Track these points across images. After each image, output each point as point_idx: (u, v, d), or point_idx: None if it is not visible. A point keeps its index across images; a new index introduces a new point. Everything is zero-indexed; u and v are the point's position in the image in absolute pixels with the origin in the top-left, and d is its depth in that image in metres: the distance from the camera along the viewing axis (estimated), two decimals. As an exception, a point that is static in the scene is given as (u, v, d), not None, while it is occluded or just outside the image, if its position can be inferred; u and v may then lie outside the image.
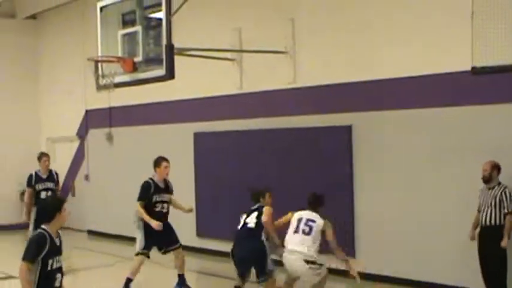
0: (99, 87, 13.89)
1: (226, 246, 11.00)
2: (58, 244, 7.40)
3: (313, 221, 10.91)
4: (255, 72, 15.15)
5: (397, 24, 12.72)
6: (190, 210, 13.28)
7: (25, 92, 22.83)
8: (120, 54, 13.21)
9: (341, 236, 13.45)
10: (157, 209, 12.62)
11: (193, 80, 16.14)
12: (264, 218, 11.08)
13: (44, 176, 14.90)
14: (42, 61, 23.09)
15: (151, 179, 12.75)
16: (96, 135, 20.38)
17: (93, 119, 20.67)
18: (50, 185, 14.87)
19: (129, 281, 12.40)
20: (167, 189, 12.86)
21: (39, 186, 14.78)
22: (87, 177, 20.86)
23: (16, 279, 13.94)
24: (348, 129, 13.45)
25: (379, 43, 13.01)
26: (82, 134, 21.26)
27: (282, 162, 14.58)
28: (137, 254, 12.52)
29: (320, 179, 13.83)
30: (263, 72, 15.03)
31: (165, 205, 12.76)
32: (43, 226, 7.36)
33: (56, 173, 15.23)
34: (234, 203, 11.76)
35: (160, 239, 12.63)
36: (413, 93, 12.52)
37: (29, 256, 7.21)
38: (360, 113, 13.31)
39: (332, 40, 13.80)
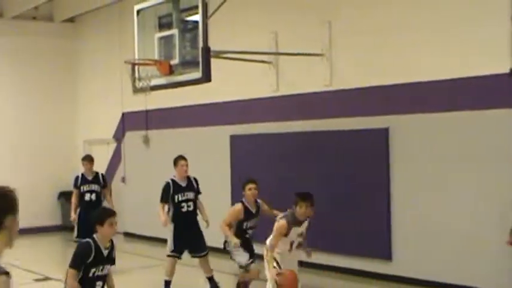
0: (136, 90, 13.95)
1: (262, 249, 10.97)
2: (105, 255, 7.76)
3: None
4: (291, 74, 15.14)
5: (434, 26, 12.63)
6: (206, 224, 13.06)
7: (62, 95, 22.99)
8: (156, 57, 13.26)
9: (377, 239, 13.43)
10: (184, 209, 12.71)
11: (229, 83, 16.15)
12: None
13: (89, 178, 15.17)
14: (79, 64, 23.25)
15: (171, 179, 12.87)
16: (132, 137, 20.47)
17: (129, 122, 20.77)
18: (95, 187, 15.12)
19: (166, 283, 12.48)
20: (191, 187, 12.89)
21: (84, 188, 15.08)
22: (123, 180, 20.96)
23: (53, 280, 14.07)
24: (385, 132, 13.38)
25: (416, 45, 12.92)
26: (119, 136, 21.37)
27: (318, 165, 14.53)
28: (168, 256, 12.67)
29: (356, 182, 13.77)
30: (299, 75, 15.00)
31: (191, 203, 12.79)
32: (94, 235, 7.79)
33: (103, 176, 15.49)
34: (270, 206, 11.76)
35: (189, 242, 12.70)
36: (451, 95, 12.42)
37: (75, 264, 7.64)
38: (397, 116, 13.23)
39: (369, 42, 13.73)
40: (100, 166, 21.68)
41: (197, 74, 12.47)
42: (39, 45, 22.51)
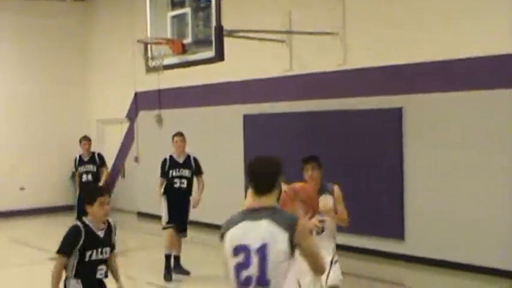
0: (149, 69, 13.93)
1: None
2: (101, 236, 7.19)
3: None
4: (305, 54, 15.07)
5: (449, 5, 12.54)
6: (195, 204, 12.90)
7: (75, 75, 22.99)
8: (169, 36, 13.22)
9: (390, 219, 13.40)
10: (176, 185, 12.66)
11: (242, 62, 16.09)
12: None
13: (86, 159, 15.03)
14: (91, 43, 23.22)
15: (170, 155, 12.85)
16: (145, 117, 20.46)
17: (142, 101, 20.75)
18: (91, 167, 14.97)
19: (166, 257, 12.50)
20: (188, 165, 12.79)
21: (81, 169, 14.99)
22: (136, 159, 20.98)
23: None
24: (399, 111, 13.32)
25: (431, 24, 12.83)
26: (132, 116, 21.36)
27: (332, 145, 14.49)
28: (164, 229, 12.65)
29: (370, 161, 13.74)
30: (313, 54, 14.93)
31: (185, 181, 12.70)
32: (84, 217, 7.30)
33: (100, 155, 15.28)
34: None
35: (179, 217, 12.69)
36: (466, 75, 12.34)
37: (61, 249, 7.17)
38: (411, 95, 13.17)
39: (382, 21, 13.65)
40: (113, 146, 21.82)
41: (210, 53, 12.43)
42: (51, 24, 22.47)
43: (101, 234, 7.20)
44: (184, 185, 12.68)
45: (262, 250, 4.68)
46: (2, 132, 21.46)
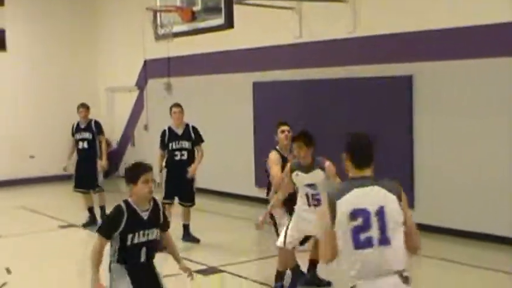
0: (158, 37, 13.90)
1: (285, 196, 10.97)
2: (145, 218, 6.68)
3: None
4: (315, 21, 15.00)
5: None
6: (191, 172, 12.63)
7: (84, 43, 22.94)
8: (178, 3, 13.17)
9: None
10: (177, 158, 12.61)
11: (252, 29, 16.04)
12: None
13: (82, 126, 14.89)
14: (101, 11, 23.14)
15: (168, 126, 12.78)
16: (155, 85, 20.44)
17: (152, 69, 20.73)
18: (86, 134, 14.80)
19: None
20: (187, 136, 12.70)
21: (77, 136, 14.86)
22: (146, 127, 20.99)
23: (76, 227, 14.20)
24: (409, 79, 13.27)
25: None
26: (141, 84, 21.35)
27: (342, 112, 14.47)
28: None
29: (380, 129, 13.72)
30: (322, 21, 14.87)
31: (185, 153, 12.63)
32: (128, 198, 6.75)
33: (97, 123, 15.01)
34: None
35: (179, 190, 12.64)
36: (476, 42, 12.28)
37: (101, 231, 6.76)
38: (421, 63, 13.11)
39: (393, -12, 13.60)
40: (122, 114, 21.84)
41: (220, 21, 12.38)
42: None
43: (144, 215, 6.70)
44: (185, 157, 12.62)
45: (381, 212, 5.10)
46: (11, 101, 21.47)
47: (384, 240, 5.06)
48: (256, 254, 12.73)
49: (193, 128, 12.79)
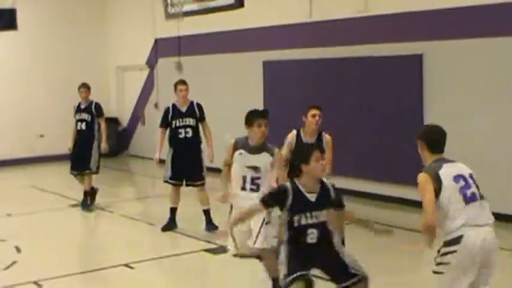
0: (168, 16, 13.91)
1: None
2: (313, 201, 6.70)
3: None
4: (325, 0, 14.95)
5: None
6: (211, 159, 12.24)
7: (94, 21, 22.92)
8: (189, -18, 13.15)
9: (410, 166, 13.38)
10: (181, 135, 12.20)
11: (262, 8, 16.01)
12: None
13: (82, 107, 14.55)
14: (111, -10, 23.14)
15: (172, 104, 12.40)
16: (165, 64, 20.43)
17: (162, 48, 20.70)
18: (85, 116, 14.44)
19: (171, 210, 12.30)
20: (192, 113, 12.28)
21: (77, 117, 14.53)
22: (156, 106, 21.00)
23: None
24: (419, 58, 13.23)
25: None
26: (151, 62, 21.34)
27: (352, 92, 14.46)
28: (165, 182, 12.37)
29: (390, 108, 13.71)
30: (333, 1, 14.83)
31: (189, 130, 12.21)
32: (295, 179, 6.77)
33: (97, 105, 14.64)
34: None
35: (186, 169, 12.22)
36: (487, 21, 12.23)
37: (264, 198, 6.93)
38: (432, 42, 13.07)
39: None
40: (133, 92, 21.86)
41: (230, 0, 12.36)
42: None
43: (311, 197, 6.74)
44: (190, 134, 12.21)
45: (472, 176, 6.58)
46: (21, 79, 21.49)
47: (482, 196, 6.46)
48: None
49: (198, 104, 12.44)
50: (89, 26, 22.80)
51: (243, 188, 8.39)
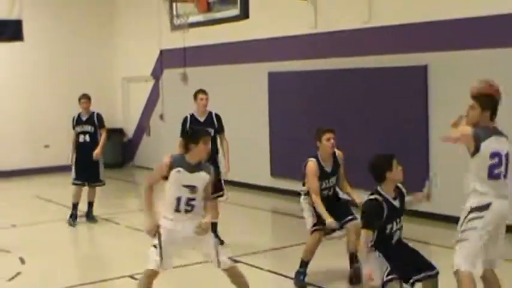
0: (174, 27, 13.94)
1: (300, 186, 10.96)
2: (398, 206, 7.46)
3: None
4: (330, 11, 14.98)
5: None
6: (227, 170, 12.14)
7: (100, 33, 22.97)
8: (194, -6, 13.19)
9: (416, 178, 13.36)
10: None
11: (267, 20, 16.03)
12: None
13: (84, 118, 14.40)
14: (117, 1, 23.17)
15: (191, 113, 12.22)
16: (170, 75, 20.46)
17: (167, 59, 20.74)
18: (88, 128, 14.31)
19: None
20: (210, 123, 12.05)
21: (78, 129, 14.34)
22: (162, 117, 21.03)
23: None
24: (424, 69, 13.24)
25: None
26: (157, 74, 21.38)
27: (357, 103, 14.47)
28: None
29: (395, 119, 13.70)
30: (338, 12, 14.85)
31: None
32: (378, 188, 7.39)
33: (99, 116, 14.53)
34: (308, 143, 11.62)
35: None
36: (492, 32, 12.23)
37: (369, 225, 7.29)
38: (437, 53, 13.08)
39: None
40: (138, 103, 21.90)
41: (235, 11, 12.44)
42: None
43: (396, 203, 7.46)
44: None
45: (507, 156, 7.38)
46: (26, 90, 21.55)
47: (506, 175, 7.36)
48: (272, 244, 12.73)
49: (217, 115, 12.28)
50: (95, 37, 22.86)
51: (177, 210, 7.93)
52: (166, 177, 7.92)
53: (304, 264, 9.79)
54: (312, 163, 9.78)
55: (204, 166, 8.08)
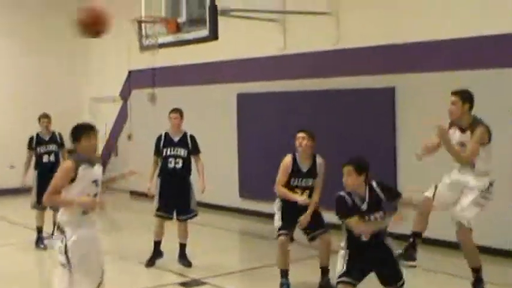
0: (143, 48, 13.93)
1: (268, 207, 10.97)
2: (365, 208, 7.92)
3: None
4: (299, 33, 15.06)
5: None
6: (202, 190, 12.01)
7: (68, 52, 22.87)
8: (163, 14, 13.20)
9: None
10: (171, 165, 11.78)
11: (236, 41, 16.07)
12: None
13: (46, 138, 14.25)
14: (85, 21, 23.13)
15: (165, 132, 12.13)
16: (139, 95, 20.43)
17: (136, 79, 20.71)
18: (53, 147, 14.12)
19: (155, 243, 11.97)
20: (184, 144, 11.98)
21: (41, 149, 14.10)
22: (130, 137, 20.97)
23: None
24: (391, 91, 13.34)
25: (422, 4, 12.88)
26: (125, 94, 21.34)
27: (325, 124, 14.51)
28: (155, 215, 11.97)
29: (363, 141, 13.76)
30: (306, 33, 14.93)
31: (180, 160, 11.82)
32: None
33: (60, 135, 14.33)
34: (276, 164, 11.63)
35: (175, 202, 11.85)
36: (458, 55, 12.38)
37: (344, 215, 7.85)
38: (404, 75, 13.20)
39: (376, 1, 13.66)
40: (106, 123, 21.79)
41: (204, 32, 12.44)
42: (45, 2, 22.41)
43: (364, 206, 7.86)
44: (180, 165, 11.81)
45: None
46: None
47: None
48: (241, 265, 12.71)
49: (191, 136, 12.14)
50: (62, 56, 22.74)
51: (85, 212, 7.62)
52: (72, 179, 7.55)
53: (283, 273, 9.92)
54: (286, 157, 10.27)
55: (98, 158, 8.17)
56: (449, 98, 9.37)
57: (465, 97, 9.30)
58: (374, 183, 8.00)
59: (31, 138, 14.30)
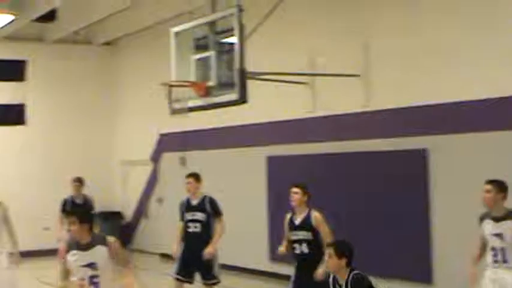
0: (173, 112, 13.99)
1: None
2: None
3: None
4: (328, 95, 15.06)
5: (469, 46, 12.53)
6: (206, 253, 11.91)
7: (100, 116, 23.16)
8: (193, 78, 13.29)
9: (418, 266, 13.25)
10: (190, 230, 11.97)
11: (265, 104, 16.13)
12: None
13: (78, 201, 14.47)
14: (116, 86, 23.41)
15: (187, 197, 12.25)
16: (169, 158, 20.51)
17: (166, 143, 20.82)
18: None
19: None
20: (202, 208, 12.04)
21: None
22: (160, 200, 20.99)
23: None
24: (424, 152, 13.25)
25: (453, 65, 12.84)
26: (155, 157, 21.43)
27: (356, 187, 14.43)
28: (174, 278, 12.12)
29: (396, 203, 13.65)
30: (336, 96, 14.93)
31: (198, 225, 11.94)
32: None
33: (91, 199, 14.60)
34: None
35: (197, 266, 11.99)
36: (492, 115, 12.28)
37: None
38: (436, 136, 13.11)
39: (405, 63, 13.67)
40: (136, 186, 21.87)
41: (233, 96, 12.48)
42: (78, 68, 22.80)
43: None
44: (198, 229, 11.92)
45: None
46: (27, 172, 21.60)
47: None
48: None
49: (211, 199, 12.16)
50: (95, 121, 23.02)
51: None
52: None
53: None
54: (286, 215, 10.73)
55: (98, 239, 8.07)
56: (484, 186, 9.39)
57: (500, 187, 9.30)
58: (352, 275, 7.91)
59: (64, 202, 14.56)
